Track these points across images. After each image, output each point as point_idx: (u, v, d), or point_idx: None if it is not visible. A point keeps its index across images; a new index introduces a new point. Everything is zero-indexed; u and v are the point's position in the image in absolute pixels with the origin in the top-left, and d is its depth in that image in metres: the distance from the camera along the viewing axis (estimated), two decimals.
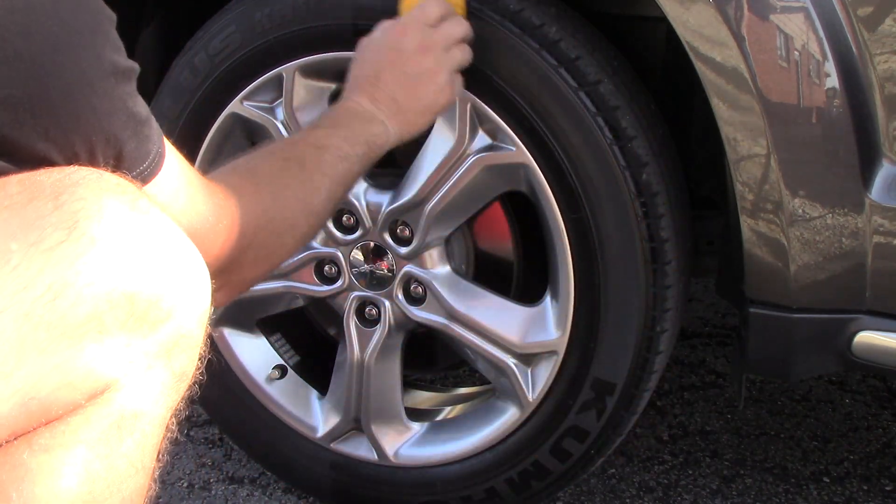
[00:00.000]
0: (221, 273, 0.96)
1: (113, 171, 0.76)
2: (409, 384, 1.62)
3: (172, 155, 0.89)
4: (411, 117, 1.22)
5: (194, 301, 0.74)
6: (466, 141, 1.32)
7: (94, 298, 0.68)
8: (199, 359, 0.78)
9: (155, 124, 0.84)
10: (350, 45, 1.33)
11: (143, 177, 0.82)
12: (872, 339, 1.24)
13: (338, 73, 1.39)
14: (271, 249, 1.06)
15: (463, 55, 1.24)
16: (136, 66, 0.80)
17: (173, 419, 0.79)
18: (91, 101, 0.74)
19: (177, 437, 1.89)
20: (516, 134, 1.28)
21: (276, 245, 1.06)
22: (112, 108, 0.76)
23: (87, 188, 0.71)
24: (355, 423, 1.53)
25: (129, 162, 0.80)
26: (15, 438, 0.68)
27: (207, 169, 1.49)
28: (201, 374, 0.79)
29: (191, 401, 0.83)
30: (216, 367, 1.53)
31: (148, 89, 1.60)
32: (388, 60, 1.22)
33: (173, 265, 0.73)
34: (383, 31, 1.24)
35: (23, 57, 0.71)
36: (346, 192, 1.18)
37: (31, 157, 0.74)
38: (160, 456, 0.78)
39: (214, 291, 0.79)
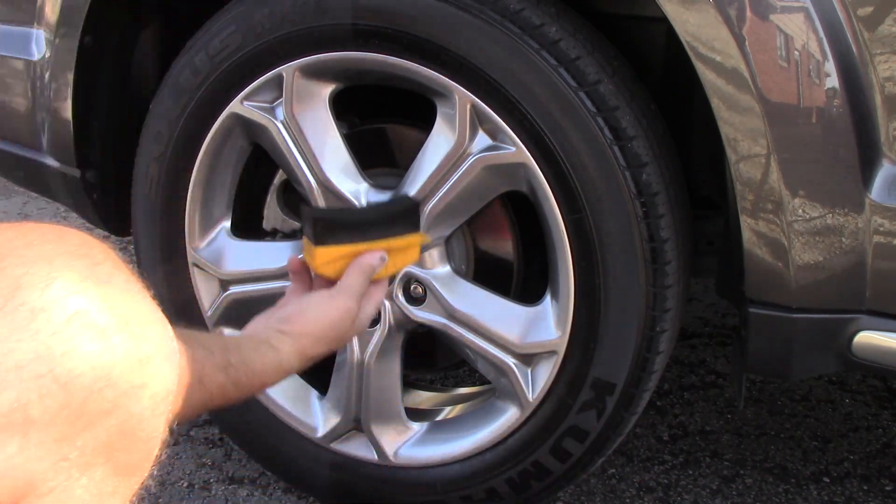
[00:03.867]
0: None
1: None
2: (409, 384, 1.62)
3: None
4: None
5: (150, 388, 0.64)
6: (467, 141, 1.32)
7: (21, 384, 0.58)
8: (158, 449, 0.68)
9: None
10: (350, 45, 1.33)
11: None
12: (872, 339, 1.24)
13: (338, 73, 1.39)
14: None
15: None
16: None
17: None
18: None
19: (177, 438, 1.89)
20: (516, 134, 1.28)
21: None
22: None
23: (40, 250, 0.62)
24: (355, 424, 1.53)
25: None
26: None
27: (207, 169, 1.49)
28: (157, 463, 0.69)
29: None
30: None
31: (148, 89, 1.61)
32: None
33: (127, 345, 0.62)
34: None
35: None
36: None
37: None
38: None
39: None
